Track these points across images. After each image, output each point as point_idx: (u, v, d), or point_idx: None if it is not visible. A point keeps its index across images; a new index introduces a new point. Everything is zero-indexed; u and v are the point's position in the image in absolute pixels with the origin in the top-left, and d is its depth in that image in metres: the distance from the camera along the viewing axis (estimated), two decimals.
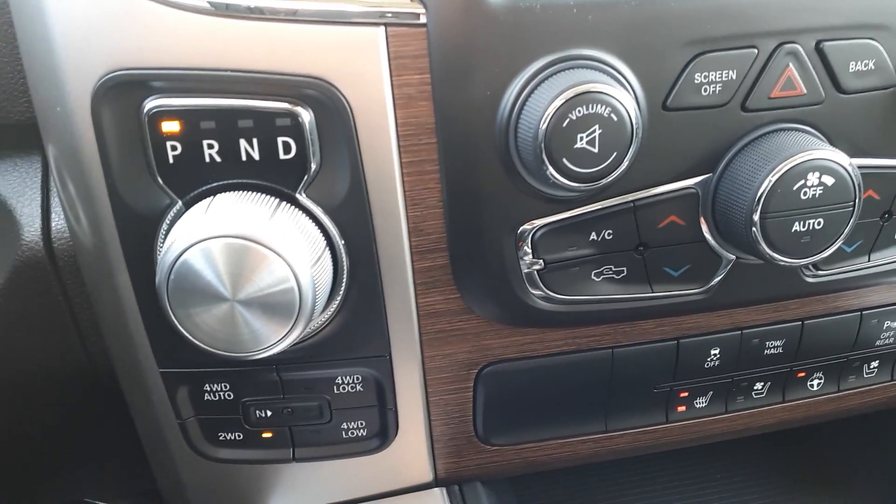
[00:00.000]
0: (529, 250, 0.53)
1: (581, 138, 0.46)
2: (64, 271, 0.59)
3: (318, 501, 0.66)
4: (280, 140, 0.48)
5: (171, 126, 0.47)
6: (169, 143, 0.48)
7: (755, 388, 0.67)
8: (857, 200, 0.51)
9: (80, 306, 0.60)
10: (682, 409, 0.67)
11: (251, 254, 0.46)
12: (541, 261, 0.54)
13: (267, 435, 0.60)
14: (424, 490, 0.66)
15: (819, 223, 0.51)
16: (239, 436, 0.60)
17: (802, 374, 0.68)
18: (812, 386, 0.69)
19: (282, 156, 0.49)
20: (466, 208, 0.52)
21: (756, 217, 0.50)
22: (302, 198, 0.50)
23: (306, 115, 0.48)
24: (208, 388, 0.57)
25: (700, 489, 0.83)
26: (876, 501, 0.80)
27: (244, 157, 0.48)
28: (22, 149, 0.60)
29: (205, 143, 0.48)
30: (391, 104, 0.48)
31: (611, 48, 0.47)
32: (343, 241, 0.51)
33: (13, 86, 0.56)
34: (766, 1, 0.49)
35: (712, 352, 0.63)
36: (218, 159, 0.48)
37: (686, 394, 0.66)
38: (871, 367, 0.69)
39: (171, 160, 0.48)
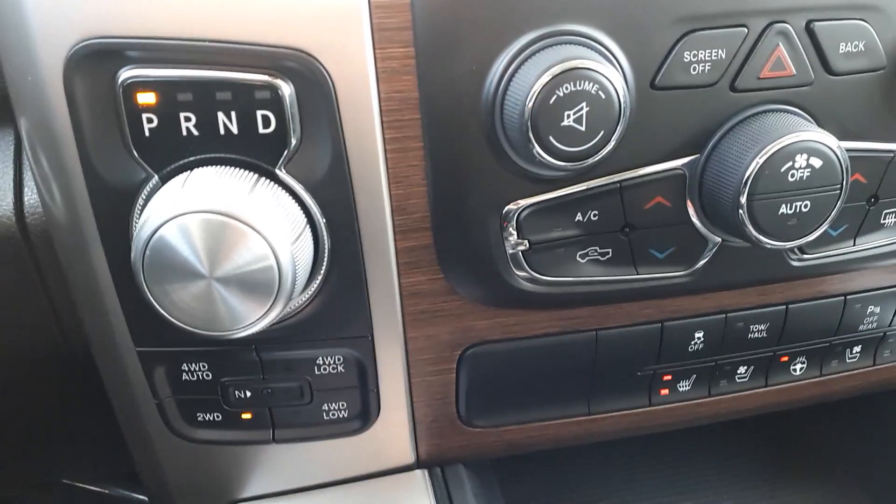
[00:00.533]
0: (514, 231, 0.52)
1: (568, 116, 0.45)
2: (37, 247, 0.57)
3: (299, 483, 0.66)
4: (259, 113, 0.47)
5: (146, 98, 0.46)
6: (145, 116, 0.46)
7: (738, 371, 0.67)
8: (844, 183, 0.50)
9: (54, 282, 0.59)
10: (665, 392, 0.67)
11: (229, 230, 0.45)
12: (526, 241, 0.53)
13: (246, 416, 0.59)
14: (406, 472, 0.66)
15: (806, 206, 0.50)
16: (218, 416, 0.59)
17: (786, 359, 0.68)
18: (795, 370, 0.69)
19: (261, 130, 0.47)
20: (451, 187, 0.51)
21: (743, 199, 0.49)
22: (282, 173, 0.49)
23: (286, 88, 0.46)
24: (186, 368, 0.56)
25: (681, 472, 0.83)
26: (856, 485, 0.81)
27: (222, 131, 0.47)
28: None
29: (182, 115, 0.46)
30: (374, 78, 0.47)
31: (600, 24, 0.47)
32: (324, 219, 0.50)
33: None
34: None
35: (696, 335, 0.63)
36: (195, 133, 0.47)
37: (669, 377, 0.66)
38: (854, 351, 0.69)
39: (146, 133, 0.47)
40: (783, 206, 0.50)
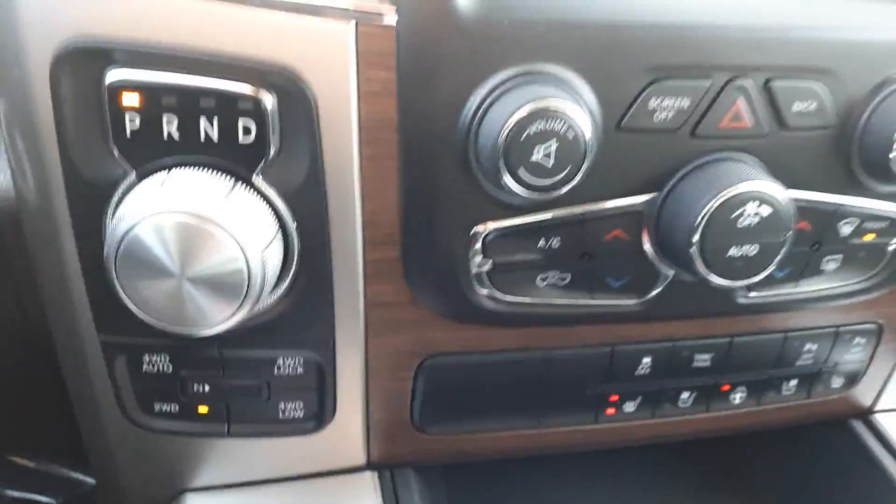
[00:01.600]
0: (480, 251, 0.54)
1: (538, 151, 0.47)
2: (5, 230, 0.58)
3: (249, 477, 0.67)
4: (241, 122, 0.48)
5: (131, 99, 0.47)
6: (128, 115, 0.47)
7: (682, 397, 0.70)
8: (789, 232, 0.54)
9: (20, 265, 0.59)
10: (611, 411, 0.70)
11: (202, 232, 0.46)
12: (490, 262, 0.55)
13: (203, 409, 0.61)
14: (356, 472, 0.68)
15: (754, 250, 0.53)
16: (174, 408, 0.60)
17: (727, 388, 0.71)
18: (735, 399, 0.72)
19: (241, 138, 0.49)
20: (422, 206, 0.53)
21: (695, 239, 0.52)
22: (258, 180, 0.50)
23: (269, 101, 0.48)
24: (147, 359, 0.57)
25: (619, 487, 0.86)
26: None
27: (203, 136, 0.48)
28: None
29: (164, 118, 0.47)
30: (355, 98, 0.49)
31: (573, 66, 0.49)
32: (297, 227, 0.52)
33: None
34: (724, 36, 0.51)
35: (644, 360, 0.66)
36: (176, 136, 0.48)
37: (616, 397, 0.69)
38: (790, 385, 0.73)
39: (128, 132, 0.48)
40: (732, 248, 0.53)
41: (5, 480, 0.95)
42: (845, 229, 0.61)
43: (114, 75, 0.46)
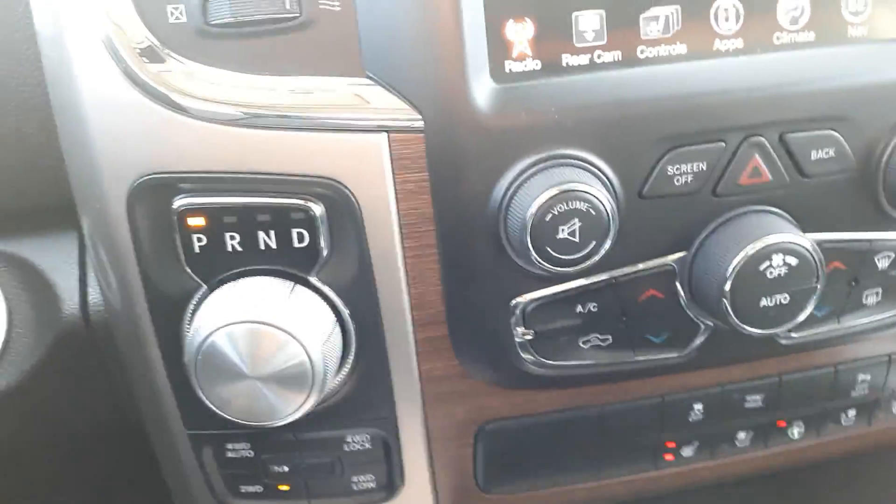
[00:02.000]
0: (521, 322, 0.58)
1: (562, 230, 0.51)
2: (100, 340, 0.64)
3: None
4: (294, 231, 0.54)
5: (196, 221, 0.53)
6: (195, 236, 0.53)
7: (738, 437, 0.71)
8: (818, 278, 0.55)
9: (114, 370, 0.66)
10: (669, 457, 0.71)
11: (268, 336, 0.51)
12: (532, 331, 0.59)
13: (284, 487, 0.65)
14: None
15: (785, 298, 0.55)
16: (259, 489, 0.65)
17: (783, 424, 0.72)
18: (793, 434, 0.73)
19: (296, 244, 0.54)
20: (463, 286, 0.57)
21: (727, 292, 0.54)
22: (314, 280, 0.55)
23: (318, 209, 0.53)
24: (231, 447, 0.63)
25: None
26: None
27: (262, 247, 0.54)
28: (59, 226, 0.66)
29: (227, 234, 0.53)
30: (394, 198, 0.54)
31: (589, 147, 0.53)
32: (352, 317, 0.57)
33: (54, 174, 0.62)
34: (732, 99, 0.54)
35: (696, 406, 0.68)
36: (239, 249, 0.54)
37: (673, 444, 0.70)
38: (849, 415, 0.73)
39: (196, 250, 0.54)
40: (763, 299, 0.55)
41: None
42: (882, 263, 0.62)
43: (181, 202, 0.52)
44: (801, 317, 0.57)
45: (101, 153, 0.52)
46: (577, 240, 0.51)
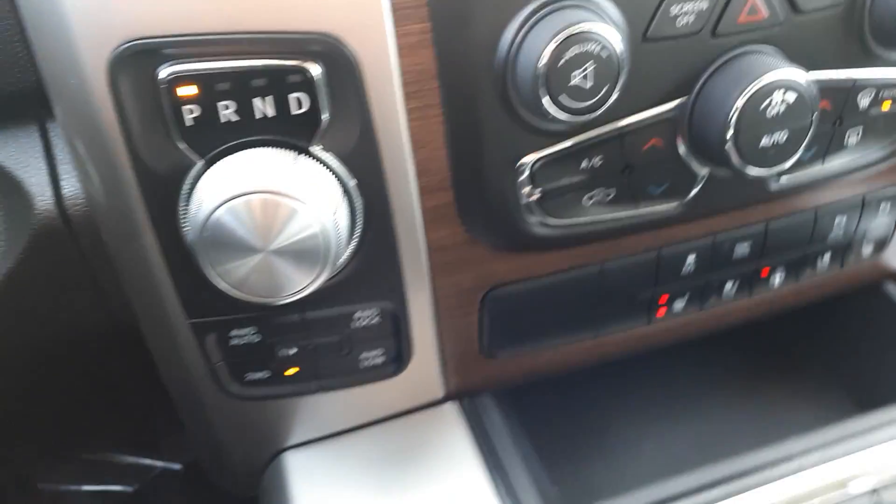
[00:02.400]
0: (528, 181, 0.58)
1: (575, 76, 0.50)
2: (80, 235, 0.61)
3: (340, 426, 0.72)
4: (292, 97, 0.50)
5: (187, 90, 0.49)
6: (186, 107, 0.50)
7: (725, 288, 0.74)
8: (814, 113, 0.56)
9: (99, 268, 0.63)
10: (662, 312, 0.74)
11: (278, 206, 0.49)
12: (539, 190, 0.58)
13: (291, 371, 0.65)
14: (437, 406, 0.73)
15: (784, 136, 0.56)
16: (266, 374, 0.64)
17: (766, 272, 0.75)
18: (774, 281, 0.76)
19: (294, 111, 0.51)
20: (469, 147, 0.56)
21: (729, 135, 0.55)
22: (316, 150, 0.53)
23: (315, 70, 0.50)
24: (236, 334, 0.61)
25: (674, 387, 0.91)
26: (833, 378, 0.91)
27: (259, 115, 0.51)
28: (16, 120, 0.61)
29: (221, 104, 0.50)
30: (395, 53, 0.51)
31: None
32: (357, 187, 0.55)
33: (8, 57, 0.57)
34: None
35: (689, 258, 0.70)
36: (234, 119, 0.50)
37: (666, 298, 0.73)
38: (824, 259, 0.77)
39: (188, 123, 0.50)
40: (764, 137, 0.56)
41: (79, 476, 1.01)
42: (864, 101, 0.64)
43: (167, 70, 0.48)
44: (796, 156, 0.58)
45: (74, 20, 0.47)
46: (589, 85, 0.50)
